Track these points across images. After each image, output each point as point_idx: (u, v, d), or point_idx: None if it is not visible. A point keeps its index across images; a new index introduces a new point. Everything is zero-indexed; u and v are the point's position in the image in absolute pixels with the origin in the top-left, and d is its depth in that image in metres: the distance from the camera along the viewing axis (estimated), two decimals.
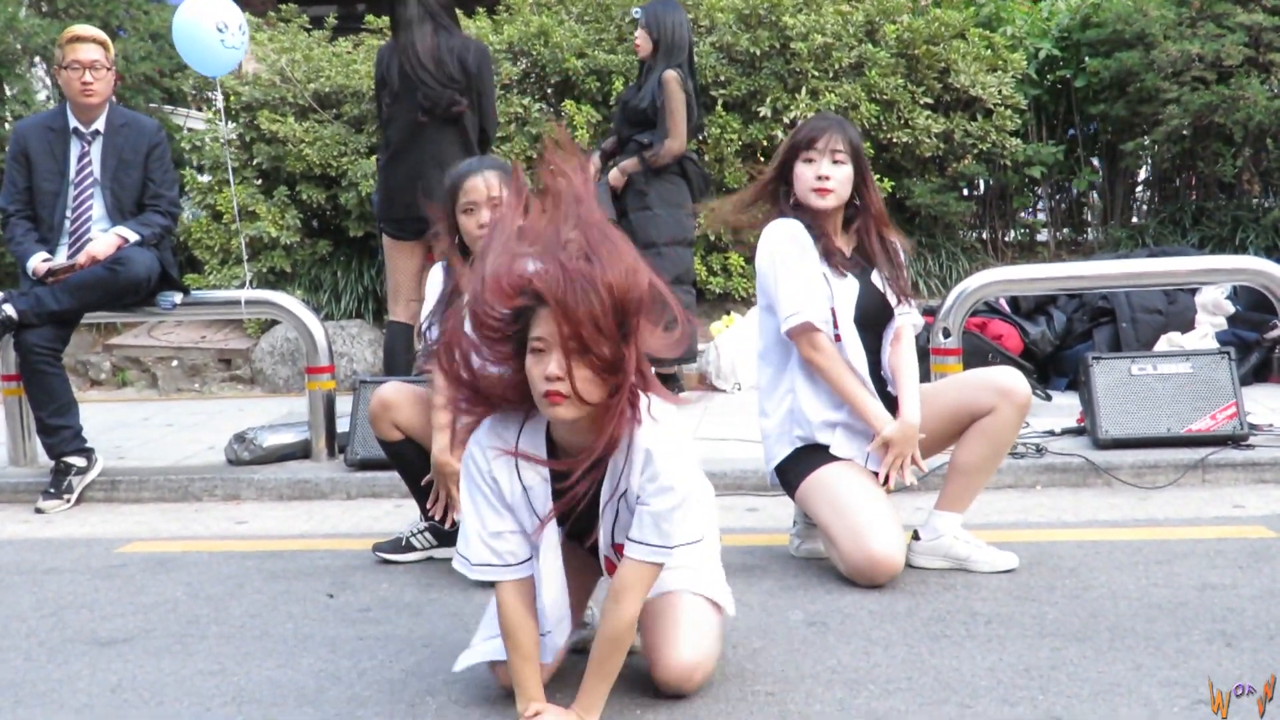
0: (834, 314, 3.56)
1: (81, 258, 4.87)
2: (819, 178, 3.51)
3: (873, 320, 3.63)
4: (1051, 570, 3.65)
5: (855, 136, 3.58)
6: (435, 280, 3.87)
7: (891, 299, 3.66)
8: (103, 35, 5.03)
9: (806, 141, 3.54)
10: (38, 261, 4.87)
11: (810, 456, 3.63)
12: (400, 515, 4.58)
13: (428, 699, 2.86)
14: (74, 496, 5.00)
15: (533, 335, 2.32)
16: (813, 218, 3.59)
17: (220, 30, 5.71)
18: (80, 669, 3.15)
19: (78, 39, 4.93)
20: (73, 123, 5.01)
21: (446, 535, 3.88)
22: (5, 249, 7.54)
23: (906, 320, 3.70)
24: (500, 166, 3.71)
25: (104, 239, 4.92)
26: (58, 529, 4.74)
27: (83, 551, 4.36)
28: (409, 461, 3.87)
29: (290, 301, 5.39)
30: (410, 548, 3.96)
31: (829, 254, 3.58)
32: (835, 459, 3.59)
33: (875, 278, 3.65)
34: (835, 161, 3.51)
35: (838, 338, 3.57)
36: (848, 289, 3.58)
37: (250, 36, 6.50)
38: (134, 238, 4.96)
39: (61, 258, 4.95)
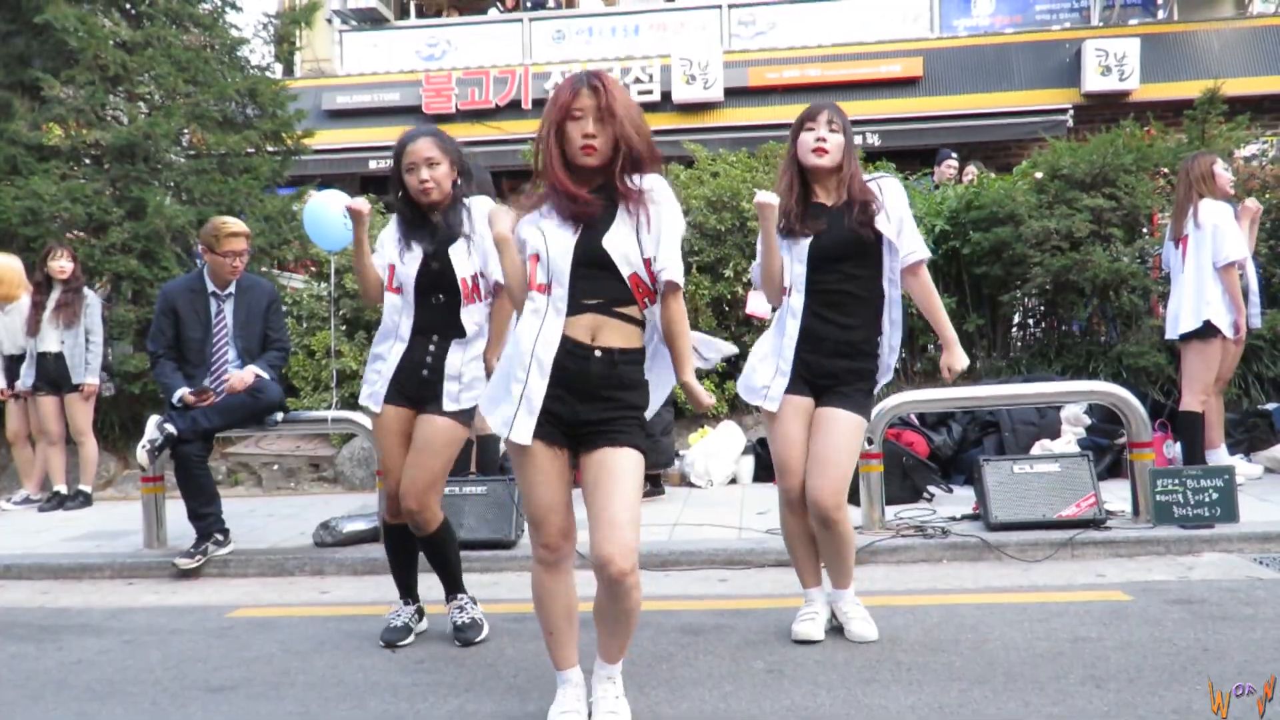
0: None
1: (226, 386, 4.94)
2: (817, 139, 3.43)
3: (848, 252, 3.39)
4: (957, 627, 3.61)
5: (845, 116, 3.50)
6: (389, 230, 3.59)
7: (874, 235, 3.38)
8: (248, 230, 5.06)
9: (808, 116, 3.48)
10: (185, 392, 4.87)
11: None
12: None
13: None
14: (203, 558, 4.95)
15: (575, 106, 2.59)
16: (812, 175, 3.47)
17: (345, 218, 5.83)
18: (195, 711, 3.08)
19: (234, 235, 4.94)
20: (210, 287, 5.05)
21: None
22: (149, 380, 7.58)
23: (912, 258, 3.45)
24: (434, 133, 3.51)
25: (241, 375, 4.95)
26: (181, 598, 4.66)
27: (200, 615, 4.29)
28: (398, 544, 3.72)
29: (366, 420, 5.37)
30: (408, 630, 3.72)
31: (789, 218, 3.45)
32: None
33: (850, 221, 3.39)
34: (831, 130, 3.44)
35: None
36: (802, 245, 3.41)
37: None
38: (267, 374, 5.02)
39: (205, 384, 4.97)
